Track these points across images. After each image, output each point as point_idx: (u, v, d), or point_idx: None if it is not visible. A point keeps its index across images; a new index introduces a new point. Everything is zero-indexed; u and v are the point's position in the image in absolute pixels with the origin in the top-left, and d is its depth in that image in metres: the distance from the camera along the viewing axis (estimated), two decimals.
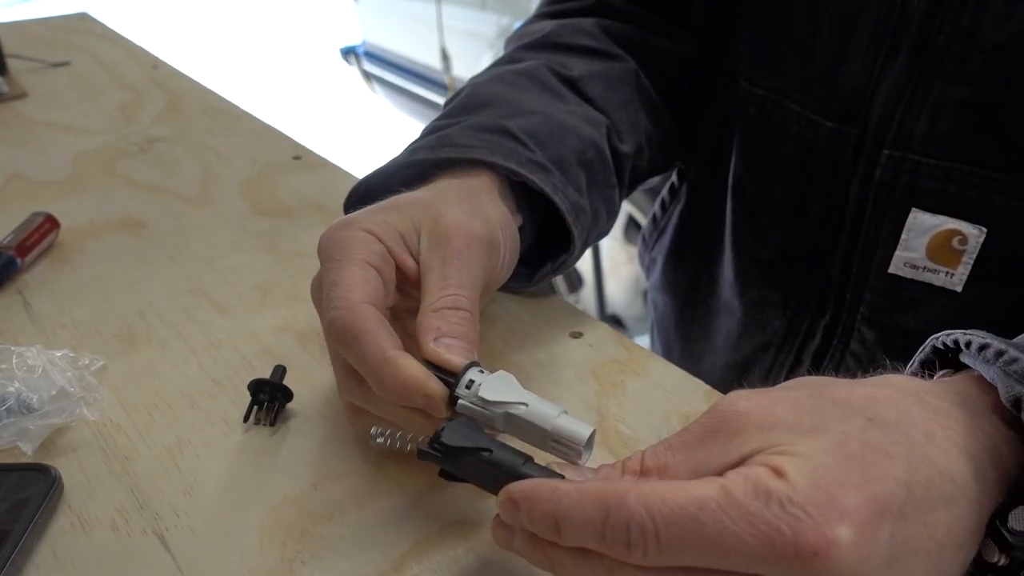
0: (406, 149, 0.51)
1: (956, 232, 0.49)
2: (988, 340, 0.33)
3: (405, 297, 0.43)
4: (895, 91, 0.49)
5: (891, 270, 0.52)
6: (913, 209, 0.50)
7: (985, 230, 0.48)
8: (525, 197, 0.50)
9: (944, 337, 0.35)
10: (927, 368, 0.36)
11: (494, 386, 0.35)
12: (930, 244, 0.50)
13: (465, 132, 0.50)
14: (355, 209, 0.50)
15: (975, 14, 0.45)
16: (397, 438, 0.36)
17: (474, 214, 0.43)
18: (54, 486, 0.40)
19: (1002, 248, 0.48)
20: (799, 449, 0.28)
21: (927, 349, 0.36)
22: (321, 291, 0.40)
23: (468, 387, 0.36)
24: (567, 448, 0.35)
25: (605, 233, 0.57)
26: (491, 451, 0.33)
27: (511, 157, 0.48)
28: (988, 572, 0.31)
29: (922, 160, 0.49)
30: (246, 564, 0.37)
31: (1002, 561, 0.31)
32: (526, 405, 0.35)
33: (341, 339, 0.37)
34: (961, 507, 0.29)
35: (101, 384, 0.47)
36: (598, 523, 0.28)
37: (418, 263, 0.41)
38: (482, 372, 0.36)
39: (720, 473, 0.28)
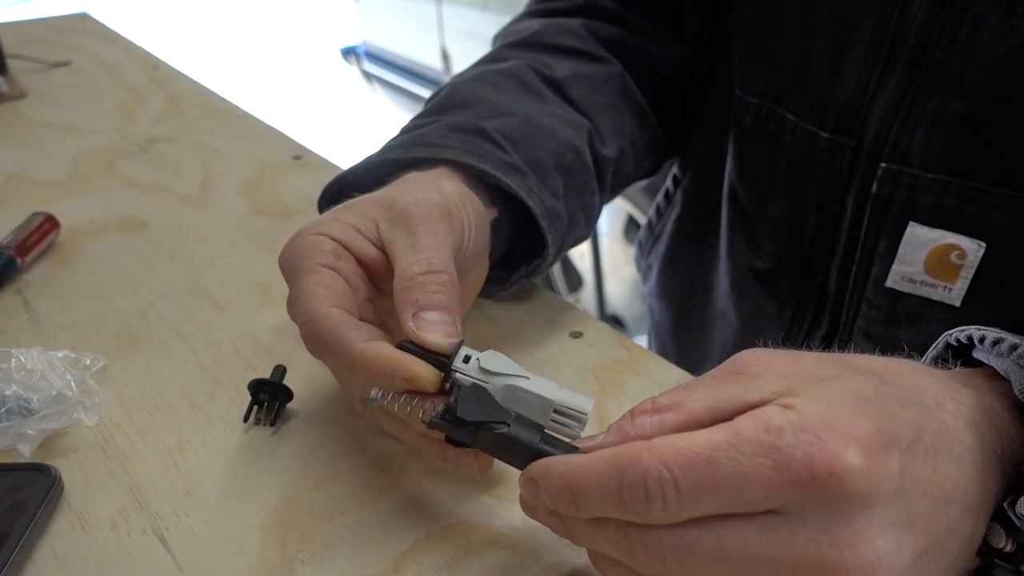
0: (382, 147, 0.50)
1: (954, 247, 0.48)
2: (1002, 335, 0.33)
3: (381, 295, 0.42)
4: (892, 104, 0.49)
5: (888, 284, 0.51)
6: (911, 223, 0.49)
7: (984, 244, 0.48)
8: (501, 200, 0.49)
9: (958, 333, 0.35)
10: (940, 364, 0.37)
11: (491, 360, 0.35)
12: (928, 258, 0.50)
13: (441, 131, 0.49)
14: (328, 206, 0.50)
15: (973, 28, 0.45)
16: (400, 401, 0.35)
17: (428, 191, 0.42)
18: (54, 486, 0.40)
19: (1001, 263, 0.48)
20: (814, 392, 0.28)
21: (940, 346, 0.37)
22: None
23: (466, 361, 0.35)
24: (569, 420, 0.35)
25: (583, 238, 0.56)
26: (508, 425, 0.32)
27: (486, 159, 0.47)
28: (994, 558, 0.31)
29: (919, 174, 0.48)
30: (246, 564, 0.37)
31: (1008, 547, 0.31)
32: (528, 378, 0.35)
33: (314, 351, 0.38)
34: (968, 469, 0.30)
35: (101, 385, 0.47)
36: (614, 486, 0.28)
37: (381, 250, 0.41)
38: (467, 361, 0.36)
39: (738, 413, 0.28)
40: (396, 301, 0.37)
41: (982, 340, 0.34)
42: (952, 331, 0.36)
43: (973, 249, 0.48)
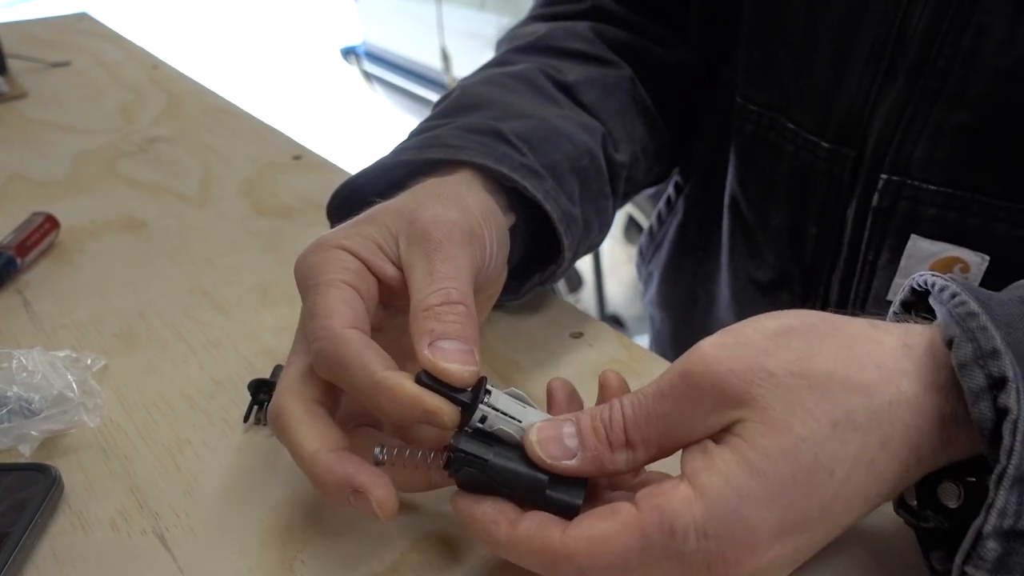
0: (393, 149, 0.49)
1: (957, 260, 0.47)
2: (948, 283, 0.31)
3: (394, 312, 0.41)
4: (893, 114, 0.48)
5: (890, 296, 0.51)
6: (912, 235, 0.48)
7: (988, 258, 0.46)
8: (519, 204, 0.48)
9: (917, 277, 0.34)
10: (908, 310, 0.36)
11: (504, 427, 0.34)
12: (930, 271, 0.49)
13: (455, 133, 0.48)
14: (339, 210, 0.49)
15: (977, 37, 0.44)
16: (406, 455, 0.35)
17: (450, 207, 0.40)
18: (54, 486, 0.40)
19: (1005, 276, 0.45)
20: (748, 453, 0.29)
21: (906, 290, 0.35)
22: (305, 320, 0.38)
23: (488, 393, 0.34)
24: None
25: (596, 245, 0.55)
26: (510, 490, 0.33)
27: (503, 161, 0.46)
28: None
29: (921, 186, 0.47)
30: (246, 564, 0.37)
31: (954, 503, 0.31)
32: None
33: (329, 370, 0.36)
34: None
35: (102, 385, 0.47)
36: (542, 570, 0.31)
37: (400, 269, 0.39)
38: (485, 400, 0.34)
39: (698, 440, 0.31)
40: (411, 330, 0.36)
41: (935, 286, 0.32)
42: (915, 275, 0.35)
43: (977, 262, 0.47)
